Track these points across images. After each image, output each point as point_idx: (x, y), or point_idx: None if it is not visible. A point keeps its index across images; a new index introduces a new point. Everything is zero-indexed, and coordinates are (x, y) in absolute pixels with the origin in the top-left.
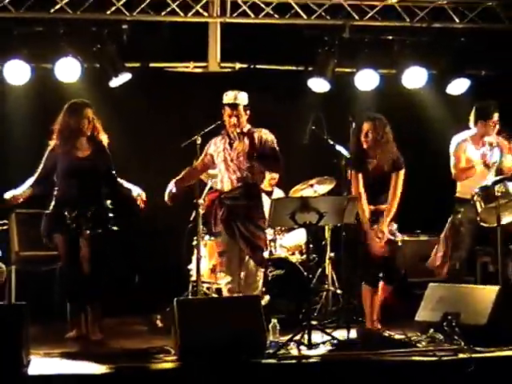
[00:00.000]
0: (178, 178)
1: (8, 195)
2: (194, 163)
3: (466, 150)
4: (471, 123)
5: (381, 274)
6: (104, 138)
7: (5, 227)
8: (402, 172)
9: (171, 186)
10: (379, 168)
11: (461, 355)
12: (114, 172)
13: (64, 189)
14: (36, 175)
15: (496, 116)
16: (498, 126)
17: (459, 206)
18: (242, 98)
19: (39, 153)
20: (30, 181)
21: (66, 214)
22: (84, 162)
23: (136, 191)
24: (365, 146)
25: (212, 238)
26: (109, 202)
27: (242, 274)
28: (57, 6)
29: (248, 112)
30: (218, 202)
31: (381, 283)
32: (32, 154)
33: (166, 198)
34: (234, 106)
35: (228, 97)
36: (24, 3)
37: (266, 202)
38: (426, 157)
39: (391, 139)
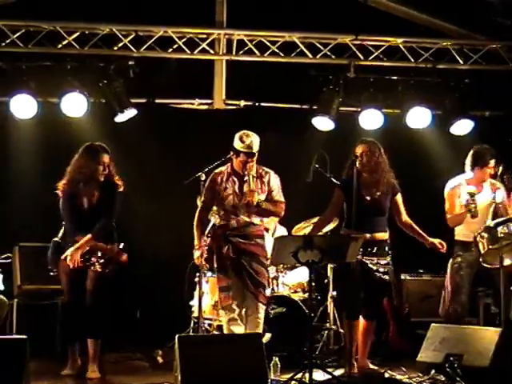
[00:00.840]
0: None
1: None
2: (198, 201)
3: (460, 195)
4: (467, 167)
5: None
6: (120, 184)
7: (8, 260)
8: (400, 195)
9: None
10: (375, 191)
11: None
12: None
13: (71, 232)
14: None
15: (492, 162)
16: (492, 172)
17: (458, 250)
18: (258, 144)
19: (43, 187)
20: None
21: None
22: (90, 209)
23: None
24: (359, 167)
25: (213, 275)
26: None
27: (244, 309)
28: (64, 42)
29: None
30: (223, 239)
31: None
32: (36, 188)
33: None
34: (251, 156)
35: (245, 144)
36: (32, 39)
37: (268, 239)
38: (429, 196)
39: (385, 161)
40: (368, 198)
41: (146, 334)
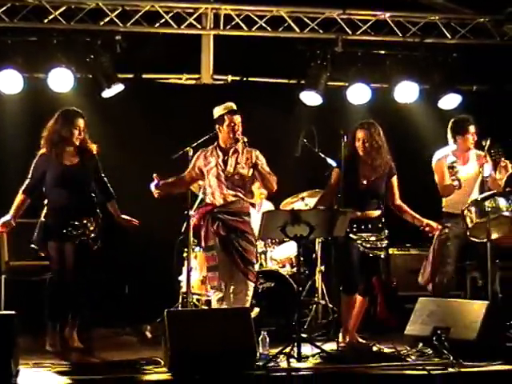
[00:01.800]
0: (165, 180)
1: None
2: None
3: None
4: (449, 139)
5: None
6: (93, 147)
7: None
8: (395, 178)
9: (155, 182)
10: (373, 175)
11: (450, 370)
12: (103, 176)
13: (55, 198)
14: (24, 186)
15: (472, 128)
16: (475, 138)
17: (446, 221)
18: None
19: (29, 161)
20: (19, 198)
21: (59, 222)
22: (72, 170)
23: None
24: (361, 153)
25: (201, 250)
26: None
27: (232, 287)
28: (51, 17)
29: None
30: (210, 217)
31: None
32: (23, 163)
33: (153, 189)
34: (234, 112)
35: (223, 106)
36: (18, 13)
37: (254, 214)
38: (417, 170)
39: (385, 144)
40: (364, 182)
41: (134, 309)
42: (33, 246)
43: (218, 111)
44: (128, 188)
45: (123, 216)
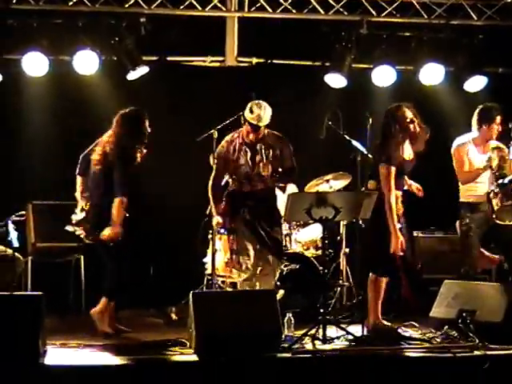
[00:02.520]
0: (217, 208)
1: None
2: (210, 159)
3: (467, 153)
4: (474, 126)
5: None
6: None
7: (22, 218)
8: None
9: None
10: (415, 155)
11: (476, 352)
12: None
13: None
14: None
15: (498, 119)
16: (500, 128)
17: (466, 211)
18: (267, 118)
19: (54, 143)
20: None
21: None
22: None
23: None
24: (413, 130)
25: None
26: None
27: (259, 268)
28: None
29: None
30: (238, 201)
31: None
32: (48, 143)
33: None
34: (256, 129)
35: (253, 115)
36: None
37: (280, 196)
38: (442, 153)
39: None
40: (407, 158)
41: (159, 291)
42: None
43: (247, 113)
44: (153, 170)
45: None
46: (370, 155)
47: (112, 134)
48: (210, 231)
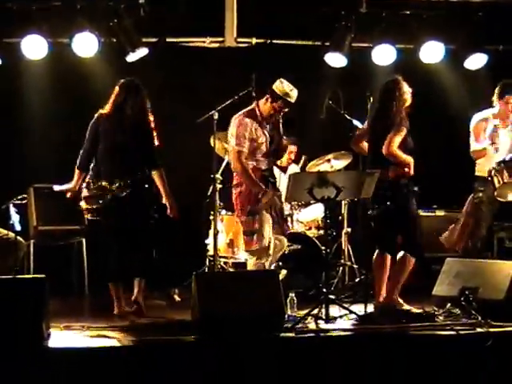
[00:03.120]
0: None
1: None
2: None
3: (485, 129)
4: (495, 100)
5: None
6: None
7: (24, 201)
8: None
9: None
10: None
11: (478, 329)
12: None
13: None
14: None
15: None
16: None
17: (480, 185)
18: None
19: (54, 126)
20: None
21: None
22: None
23: None
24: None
25: (228, 213)
26: None
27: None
28: None
29: None
30: (262, 180)
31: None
32: (48, 127)
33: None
34: (290, 105)
35: (291, 93)
36: None
37: (282, 177)
38: (443, 132)
39: None
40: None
41: (161, 273)
42: None
43: (280, 87)
44: None
45: None
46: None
47: None
48: (212, 212)
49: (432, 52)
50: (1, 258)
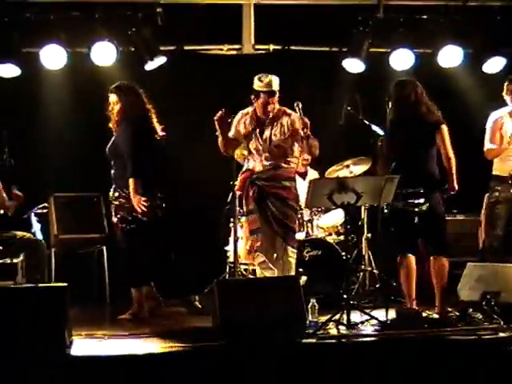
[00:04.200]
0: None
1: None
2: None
3: (502, 127)
4: (506, 97)
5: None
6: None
7: (45, 210)
8: None
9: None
10: None
11: (501, 334)
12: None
13: None
14: None
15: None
16: None
17: (496, 184)
18: (277, 83)
19: (74, 135)
20: None
21: None
22: (108, 147)
23: None
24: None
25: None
26: None
27: (275, 255)
28: None
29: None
30: (249, 182)
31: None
32: (68, 136)
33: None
34: (272, 94)
35: (263, 83)
36: None
37: (301, 183)
38: (462, 135)
39: None
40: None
41: (181, 280)
42: None
43: (257, 84)
44: (171, 158)
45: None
46: None
47: None
48: (232, 219)
49: (450, 56)
50: (25, 258)
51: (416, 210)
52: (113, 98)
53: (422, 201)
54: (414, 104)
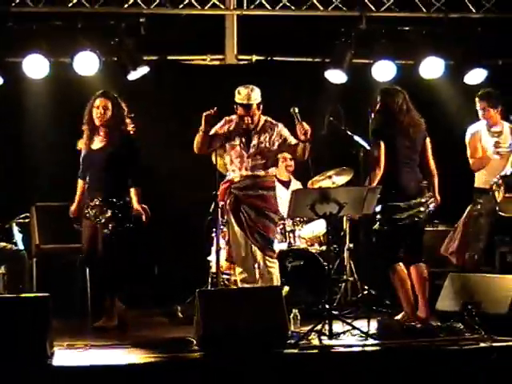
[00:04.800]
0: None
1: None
2: (212, 157)
3: (481, 139)
4: (479, 111)
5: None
6: (128, 128)
7: (27, 220)
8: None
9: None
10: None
11: (482, 344)
12: (135, 160)
13: (86, 181)
14: (79, 173)
15: (477, 102)
16: (483, 113)
17: (478, 197)
18: (256, 96)
19: (56, 146)
20: (78, 184)
21: (89, 202)
22: (95, 155)
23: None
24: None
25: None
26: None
27: (256, 264)
28: (74, 0)
29: (261, 107)
30: (228, 192)
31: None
32: (50, 145)
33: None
34: (247, 107)
35: (241, 96)
36: None
37: (283, 193)
38: (444, 147)
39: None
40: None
41: (164, 289)
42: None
43: (236, 96)
44: (155, 169)
45: (140, 206)
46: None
47: None
48: (214, 229)
49: (432, 67)
50: (6, 269)
51: (417, 219)
52: (106, 103)
53: (422, 209)
54: (404, 113)
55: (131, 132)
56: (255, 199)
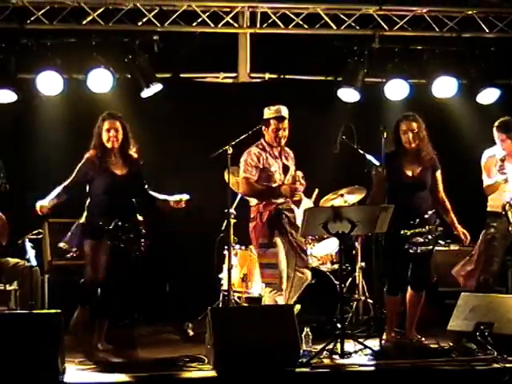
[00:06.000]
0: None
1: (37, 206)
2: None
3: (496, 163)
4: (497, 141)
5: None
6: (134, 153)
7: (39, 236)
8: (439, 172)
9: None
10: (418, 166)
11: (495, 365)
12: (146, 187)
13: (100, 203)
14: (66, 183)
15: (495, 134)
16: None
17: (492, 221)
18: (286, 111)
19: (71, 163)
20: (58, 189)
21: (101, 223)
22: (122, 181)
23: (174, 198)
24: (406, 145)
25: (242, 247)
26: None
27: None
28: (89, 18)
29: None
30: (275, 214)
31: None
32: (63, 163)
33: None
34: (281, 119)
35: (272, 110)
36: (57, 15)
37: (296, 211)
38: (457, 167)
39: (427, 136)
40: (410, 173)
41: (175, 307)
42: (62, 244)
43: (266, 113)
44: (167, 187)
45: (172, 198)
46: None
47: None
48: (226, 247)
49: (444, 87)
50: (18, 285)
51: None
52: (115, 125)
53: (427, 240)
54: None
55: (135, 155)
56: (294, 220)
